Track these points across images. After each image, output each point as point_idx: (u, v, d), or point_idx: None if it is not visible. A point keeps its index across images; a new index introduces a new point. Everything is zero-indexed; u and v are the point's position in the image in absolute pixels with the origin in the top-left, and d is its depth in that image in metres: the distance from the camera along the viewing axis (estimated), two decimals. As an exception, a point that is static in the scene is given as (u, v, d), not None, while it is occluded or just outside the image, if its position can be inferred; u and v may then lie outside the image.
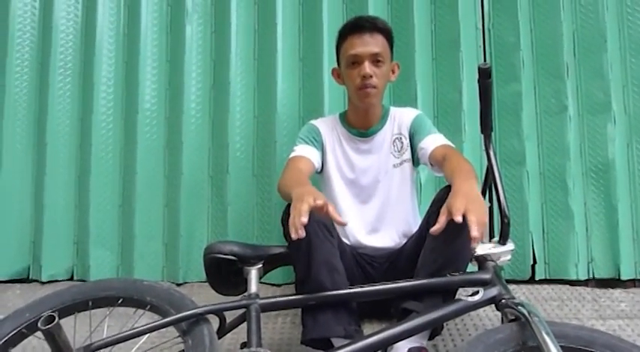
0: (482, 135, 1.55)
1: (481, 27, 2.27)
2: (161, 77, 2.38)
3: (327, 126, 1.86)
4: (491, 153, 1.50)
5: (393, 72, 1.81)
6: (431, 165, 1.68)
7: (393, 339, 1.28)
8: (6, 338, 1.32)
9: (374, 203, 1.79)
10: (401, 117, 1.83)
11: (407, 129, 1.80)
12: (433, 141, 1.69)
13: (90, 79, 2.35)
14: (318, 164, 1.78)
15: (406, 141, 1.79)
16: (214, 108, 2.35)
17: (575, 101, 2.20)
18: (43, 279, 2.28)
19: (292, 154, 1.76)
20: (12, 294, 2.18)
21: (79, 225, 2.34)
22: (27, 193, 2.36)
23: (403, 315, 1.38)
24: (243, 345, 1.30)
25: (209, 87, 2.36)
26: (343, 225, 1.31)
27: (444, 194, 1.48)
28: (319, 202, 1.25)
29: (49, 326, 1.12)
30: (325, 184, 1.84)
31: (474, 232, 1.17)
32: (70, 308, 1.40)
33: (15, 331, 1.33)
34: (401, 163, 1.79)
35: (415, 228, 1.71)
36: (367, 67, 1.67)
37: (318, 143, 1.81)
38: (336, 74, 1.85)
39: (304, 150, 1.76)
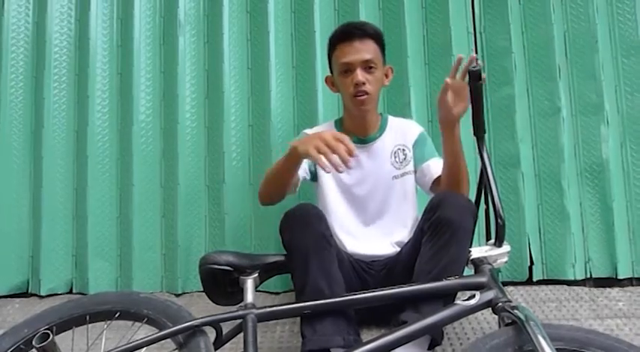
0: (475, 138, 1.55)
1: (472, 31, 2.28)
2: (155, 88, 2.38)
3: None
4: (485, 156, 1.49)
5: (387, 76, 1.82)
6: (430, 185, 1.72)
7: (391, 346, 1.27)
8: (4, 354, 1.33)
9: (371, 212, 1.78)
10: (405, 129, 1.83)
11: (412, 142, 1.80)
12: (440, 166, 1.71)
13: (84, 92, 2.35)
14: (305, 173, 1.79)
15: (410, 154, 1.79)
16: (209, 118, 2.36)
17: (568, 102, 2.21)
18: (42, 293, 2.28)
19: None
20: (11, 309, 2.18)
21: (77, 237, 2.34)
22: (24, 207, 2.35)
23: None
24: (241, 355, 1.30)
25: (203, 97, 2.37)
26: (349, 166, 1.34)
27: (437, 200, 1.49)
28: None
29: (44, 343, 1.12)
30: (320, 192, 1.83)
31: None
32: (68, 323, 1.40)
33: (13, 347, 1.33)
34: (402, 175, 1.78)
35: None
36: (359, 75, 1.67)
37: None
38: (330, 82, 1.85)
39: None
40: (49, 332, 1.14)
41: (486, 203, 1.92)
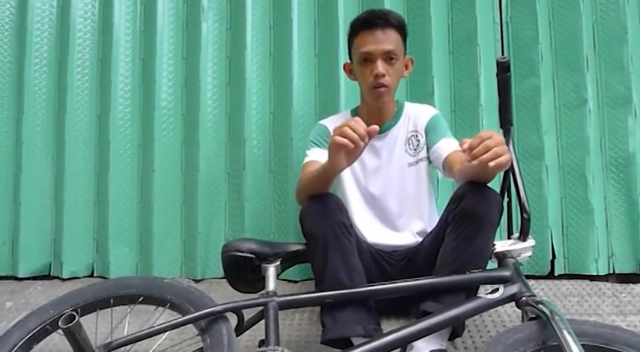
0: (500, 130, 1.53)
1: (499, 20, 2.24)
2: (177, 74, 2.38)
3: (337, 124, 1.84)
4: (511, 149, 1.48)
5: (407, 67, 1.78)
6: (443, 168, 1.66)
7: (412, 337, 1.28)
8: (31, 334, 1.36)
9: (388, 201, 1.76)
10: (417, 115, 1.80)
11: (423, 127, 1.77)
12: (448, 146, 1.65)
13: (107, 77, 2.36)
14: None
15: (423, 140, 1.76)
16: (231, 105, 2.35)
17: (595, 94, 2.17)
18: (64, 276, 2.31)
19: (305, 160, 1.73)
20: (34, 290, 2.22)
21: (98, 222, 2.36)
22: (47, 191, 2.38)
23: (422, 317, 1.37)
24: (261, 343, 1.31)
25: (225, 83, 2.37)
26: (374, 132, 1.31)
27: (462, 191, 1.47)
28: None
29: (70, 325, 1.13)
30: (337, 182, 1.82)
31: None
32: (92, 306, 1.42)
33: (39, 327, 1.37)
34: (417, 162, 1.76)
35: (433, 226, 1.69)
36: (380, 66, 1.64)
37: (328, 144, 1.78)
38: (348, 69, 1.82)
39: (315, 155, 1.71)
40: (74, 313, 1.16)
41: (509, 195, 1.90)
